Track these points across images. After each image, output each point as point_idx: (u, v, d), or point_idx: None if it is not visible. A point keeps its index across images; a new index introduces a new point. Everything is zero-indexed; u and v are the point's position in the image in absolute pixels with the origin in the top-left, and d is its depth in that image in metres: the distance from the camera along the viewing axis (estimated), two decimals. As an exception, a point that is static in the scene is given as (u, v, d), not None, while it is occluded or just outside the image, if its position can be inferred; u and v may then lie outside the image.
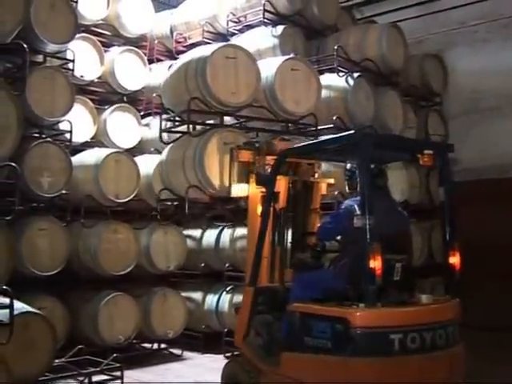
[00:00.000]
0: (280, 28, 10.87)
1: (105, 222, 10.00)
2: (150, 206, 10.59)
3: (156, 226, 10.59)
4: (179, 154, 9.25)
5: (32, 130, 9.31)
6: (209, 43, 11.05)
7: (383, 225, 5.45)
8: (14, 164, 7.70)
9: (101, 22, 11.34)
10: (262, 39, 10.94)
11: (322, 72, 10.40)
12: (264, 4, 10.76)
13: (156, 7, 12.40)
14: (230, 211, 10.02)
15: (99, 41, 11.22)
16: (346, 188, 6.48)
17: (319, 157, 7.21)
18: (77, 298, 9.93)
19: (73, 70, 9.77)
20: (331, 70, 10.40)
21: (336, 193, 8.98)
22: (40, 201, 9.28)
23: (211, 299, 10.90)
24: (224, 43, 9.52)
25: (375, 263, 5.25)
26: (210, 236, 11.39)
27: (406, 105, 11.44)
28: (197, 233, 11.62)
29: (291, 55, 9.63)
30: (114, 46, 11.69)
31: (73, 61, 9.68)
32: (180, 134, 9.46)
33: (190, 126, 9.08)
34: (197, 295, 11.20)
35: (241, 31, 11.33)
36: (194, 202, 9.16)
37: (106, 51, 11.28)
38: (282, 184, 6.95)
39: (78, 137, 10.26)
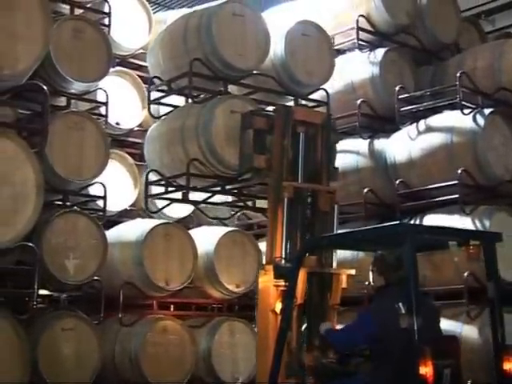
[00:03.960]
0: (380, 52, 10.88)
1: (150, 318, 9.98)
2: (211, 296, 10.56)
3: (220, 322, 10.47)
4: (176, 124, 9.73)
5: (54, 197, 9.40)
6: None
7: (428, 325, 5.98)
8: (30, 244, 7.72)
9: (141, 51, 11.47)
10: (355, 68, 10.93)
11: (439, 108, 10.27)
12: (357, 21, 10.74)
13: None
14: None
15: (139, 76, 11.39)
16: (371, 280, 7.01)
17: (350, 248, 7.97)
18: (114, 422, 9.90)
19: (106, 117, 9.93)
20: (452, 106, 10.12)
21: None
22: (64, 290, 9.37)
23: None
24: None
25: (426, 369, 5.63)
26: (291, 335, 11.21)
27: None
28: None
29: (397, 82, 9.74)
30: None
31: (106, 104, 9.84)
32: (171, 108, 10.38)
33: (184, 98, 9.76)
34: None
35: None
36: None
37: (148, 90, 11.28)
38: (299, 276, 7.40)
39: (115, 204, 10.38)
